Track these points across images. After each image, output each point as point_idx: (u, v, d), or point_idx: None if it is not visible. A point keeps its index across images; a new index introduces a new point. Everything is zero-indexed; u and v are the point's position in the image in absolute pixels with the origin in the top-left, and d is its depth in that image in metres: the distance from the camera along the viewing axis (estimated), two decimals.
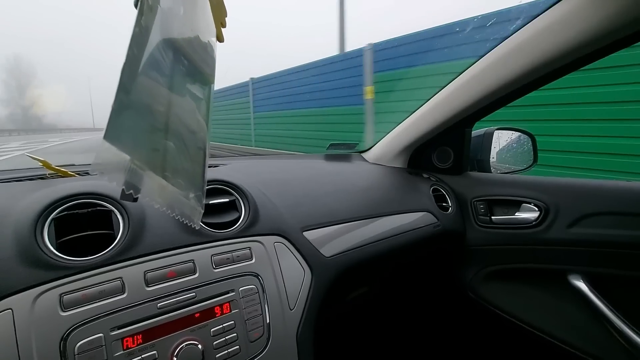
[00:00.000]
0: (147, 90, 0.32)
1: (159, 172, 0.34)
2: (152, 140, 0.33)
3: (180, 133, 0.38)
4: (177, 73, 0.38)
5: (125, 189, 0.30)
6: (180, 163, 0.37)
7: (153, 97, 0.33)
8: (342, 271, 0.67)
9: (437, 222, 0.90)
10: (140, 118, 0.32)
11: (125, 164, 0.29)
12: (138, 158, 0.31)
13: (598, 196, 0.81)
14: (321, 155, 1.16)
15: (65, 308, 0.40)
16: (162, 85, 0.35)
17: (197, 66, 0.42)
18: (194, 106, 0.41)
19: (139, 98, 0.31)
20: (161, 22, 0.34)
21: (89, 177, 0.65)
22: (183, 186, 0.37)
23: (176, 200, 0.37)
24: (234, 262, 0.53)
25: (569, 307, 0.84)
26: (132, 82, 0.31)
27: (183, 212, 0.38)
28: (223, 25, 0.48)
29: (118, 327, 0.42)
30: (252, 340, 0.51)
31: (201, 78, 0.43)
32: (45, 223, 0.45)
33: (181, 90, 0.39)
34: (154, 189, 0.33)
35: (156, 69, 0.34)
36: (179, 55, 0.38)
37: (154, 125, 0.33)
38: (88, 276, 0.42)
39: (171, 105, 0.36)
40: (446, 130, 0.98)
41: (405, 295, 1.18)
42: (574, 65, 0.71)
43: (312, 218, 0.70)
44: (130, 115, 0.30)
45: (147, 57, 0.32)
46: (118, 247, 0.46)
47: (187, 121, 0.39)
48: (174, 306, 0.46)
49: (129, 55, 0.31)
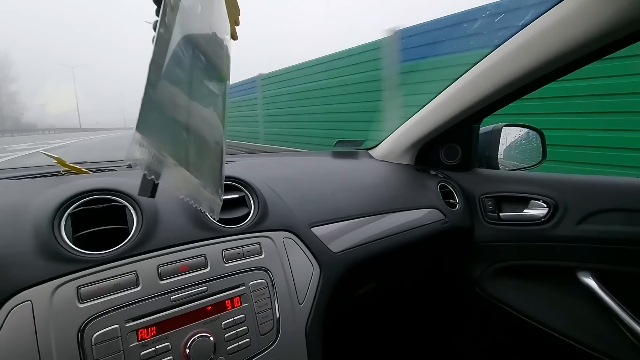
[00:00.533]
0: (170, 86, 0.33)
1: (183, 164, 0.35)
2: (177, 134, 0.34)
3: (200, 128, 0.39)
4: (196, 70, 0.39)
5: (147, 175, 0.31)
6: (201, 156, 0.38)
7: (176, 93, 0.34)
8: (350, 267, 0.68)
9: (445, 219, 0.90)
10: (166, 112, 0.33)
11: (155, 156, 0.30)
12: (165, 150, 0.32)
13: (608, 193, 0.80)
14: (328, 152, 1.17)
15: (82, 300, 0.41)
16: (184, 82, 0.36)
17: (213, 63, 0.43)
18: (212, 102, 0.42)
19: (164, 94, 0.32)
20: (181, 21, 0.35)
21: (102, 173, 0.67)
22: (204, 179, 0.38)
23: (198, 192, 0.38)
24: (244, 257, 0.54)
25: (577, 303, 0.83)
26: (158, 78, 0.32)
27: (204, 204, 0.39)
28: (237, 24, 0.49)
29: (133, 319, 0.43)
30: (263, 334, 0.52)
31: (217, 75, 0.44)
32: (63, 218, 0.46)
33: (200, 86, 0.39)
34: (179, 181, 0.34)
35: (178, 66, 0.35)
36: (197, 52, 0.39)
37: (177, 120, 0.35)
38: (104, 269, 0.44)
39: (191, 101, 0.37)
40: (454, 127, 0.97)
41: (413, 291, 1.18)
42: (584, 60, 0.71)
43: (320, 214, 0.70)
44: (156, 110, 0.32)
45: (171, 54, 0.33)
46: (132, 242, 0.47)
47: (205, 116, 0.40)
48: (186, 299, 0.47)
49: (155, 53, 0.32)
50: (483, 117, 0.98)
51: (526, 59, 0.75)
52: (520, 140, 1.11)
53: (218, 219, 0.56)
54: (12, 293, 0.39)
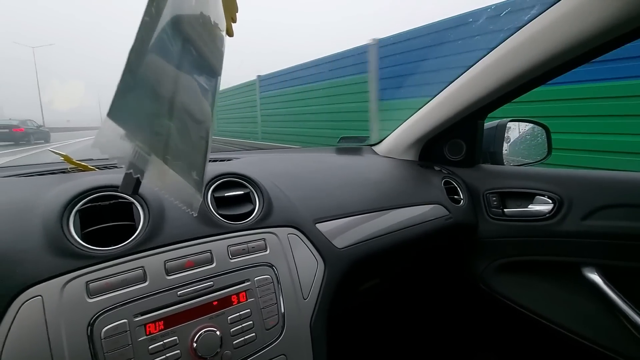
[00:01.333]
0: (153, 74, 0.32)
1: (160, 156, 0.33)
2: (155, 124, 0.33)
3: (184, 121, 0.38)
4: (185, 62, 0.38)
5: (133, 173, 0.31)
6: (182, 149, 0.37)
7: (159, 82, 0.33)
8: (354, 262, 0.68)
9: (449, 215, 0.90)
10: (145, 101, 0.32)
11: (129, 146, 0.29)
12: (140, 140, 0.31)
13: (613, 188, 0.80)
14: (332, 148, 1.17)
15: (91, 295, 0.42)
16: (169, 72, 0.35)
17: (205, 57, 0.42)
18: (200, 96, 0.42)
19: (144, 81, 0.31)
20: (172, 9, 0.34)
21: (107, 170, 0.67)
22: (183, 173, 0.37)
23: (176, 186, 0.37)
24: (249, 253, 0.55)
25: (582, 299, 0.83)
26: (138, 65, 0.30)
27: (182, 198, 0.38)
28: (234, 20, 0.49)
29: (141, 314, 0.43)
30: (268, 328, 0.52)
31: (209, 70, 0.43)
32: (71, 214, 0.47)
33: (188, 79, 0.39)
34: (156, 173, 0.33)
35: (164, 55, 0.34)
36: (188, 44, 0.38)
37: (158, 110, 0.33)
38: (112, 265, 0.44)
39: (177, 93, 0.36)
40: (458, 123, 0.97)
41: (416, 287, 1.18)
42: (589, 55, 0.70)
43: (325, 210, 0.71)
44: (134, 97, 0.30)
45: (156, 41, 0.32)
46: (139, 238, 0.47)
47: (191, 110, 0.39)
48: (193, 294, 0.48)
49: (137, 38, 0.31)
50: (488, 112, 0.98)
51: (531, 54, 0.74)
52: (525, 135, 1.11)
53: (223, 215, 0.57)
54: (23, 288, 0.39)
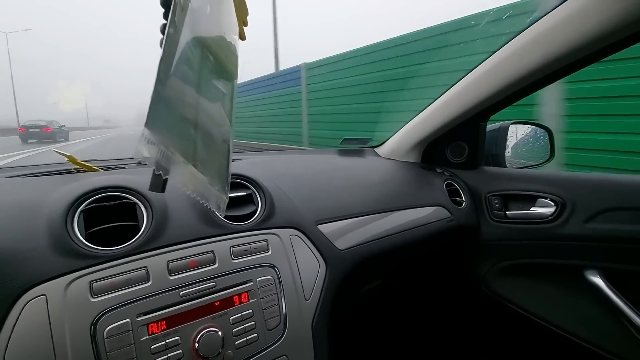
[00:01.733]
0: (179, 84, 0.34)
1: (190, 161, 0.35)
2: (184, 131, 0.35)
3: (208, 126, 0.40)
4: (204, 69, 0.39)
5: (155, 170, 0.32)
6: (208, 154, 0.39)
7: (184, 91, 0.35)
8: (356, 264, 0.68)
9: (451, 217, 0.90)
10: (174, 110, 0.34)
11: (154, 148, 0.31)
12: (173, 146, 0.33)
13: (616, 191, 0.79)
14: (334, 150, 1.17)
15: (95, 295, 0.42)
16: (192, 80, 0.37)
17: (222, 63, 0.44)
18: (220, 101, 0.43)
19: (172, 91, 0.33)
20: (190, 21, 0.36)
21: (112, 171, 0.68)
22: (211, 176, 0.39)
23: (205, 189, 0.39)
24: (251, 254, 0.55)
25: (584, 302, 0.83)
26: (166, 76, 0.33)
27: (211, 201, 0.40)
28: (245, 24, 0.49)
29: (144, 314, 0.44)
30: (270, 329, 0.53)
31: (225, 75, 0.45)
32: (76, 214, 0.47)
33: (208, 85, 0.40)
34: (186, 177, 0.35)
35: (187, 65, 0.36)
36: (205, 52, 0.40)
37: (185, 117, 0.36)
38: (115, 265, 0.45)
39: (200, 100, 0.38)
40: (460, 125, 0.97)
41: (418, 289, 1.18)
42: (591, 58, 0.70)
43: (327, 212, 0.71)
44: (165, 106, 0.33)
45: (179, 53, 0.34)
46: (142, 238, 0.48)
47: (213, 115, 0.41)
48: (195, 294, 0.48)
49: (164, 51, 0.33)
50: (490, 114, 0.97)
51: (534, 56, 0.74)
52: (527, 138, 1.11)
53: (224, 215, 0.57)
54: (27, 287, 0.40)
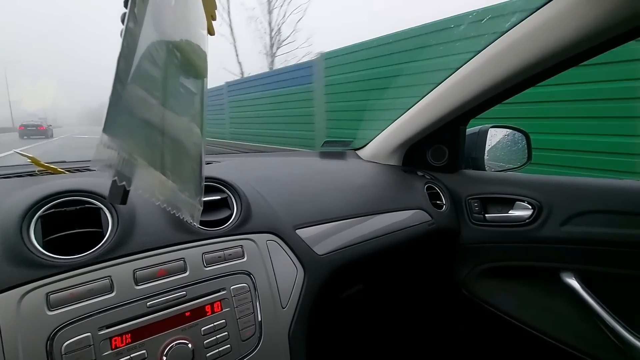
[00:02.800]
0: (142, 83, 0.31)
1: (158, 168, 0.33)
2: (150, 135, 0.32)
3: (176, 128, 0.37)
4: (171, 67, 0.37)
5: (117, 180, 0.29)
6: (178, 159, 0.37)
7: (148, 91, 0.32)
8: (335, 269, 0.67)
9: (431, 220, 0.90)
10: (137, 112, 0.31)
11: (114, 154, 0.28)
12: (137, 153, 0.30)
13: (590, 195, 0.81)
14: (316, 152, 1.16)
15: (52, 307, 0.39)
16: (157, 79, 0.34)
17: (190, 59, 0.41)
18: (189, 101, 0.41)
19: (134, 91, 0.30)
20: (153, 14, 0.33)
21: (79, 173, 0.64)
22: (182, 183, 0.37)
23: (176, 198, 0.36)
24: (225, 261, 0.53)
25: (561, 304, 0.84)
26: (127, 75, 0.30)
27: (182, 210, 0.38)
28: (213, 18, 0.47)
29: (106, 327, 0.41)
30: (244, 339, 0.50)
31: (194, 72, 0.42)
32: (32, 221, 0.44)
33: (175, 84, 0.38)
34: (155, 185, 0.33)
35: (150, 62, 0.33)
36: (171, 47, 0.37)
37: (150, 120, 0.33)
38: (76, 275, 0.42)
39: (166, 100, 0.35)
40: (441, 128, 0.98)
41: (399, 292, 1.18)
42: (569, 62, 0.72)
43: (306, 216, 0.69)
44: (126, 109, 0.30)
45: (141, 47, 0.31)
46: (107, 246, 0.45)
47: (182, 116, 0.39)
48: (163, 305, 0.45)
49: (123, 47, 0.30)
50: (470, 118, 0.98)
51: (511, 61, 0.75)
52: (506, 141, 1.12)
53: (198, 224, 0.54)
54: None
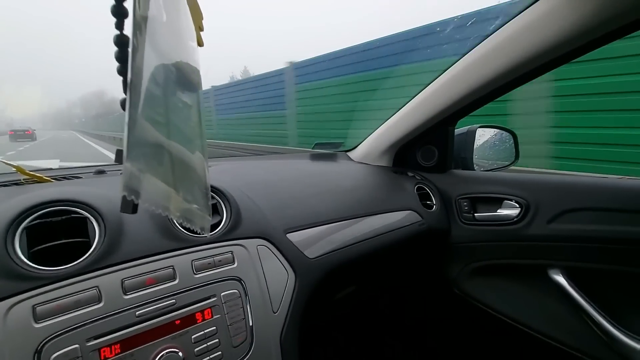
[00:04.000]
0: (150, 104, 0.32)
1: (169, 183, 0.34)
2: (159, 152, 0.33)
3: (181, 142, 0.38)
4: (169, 83, 0.37)
5: (127, 195, 0.30)
6: (185, 172, 0.38)
7: (155, 109, 0.33)
8: (326, 272, 0.67)
9: (422, 221, 0.91)
10: (149, 132, 0.32)
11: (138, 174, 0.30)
12: (149, 171, 0.31)
13: (576, 192, 0.83)
14: (307, 154, 1.16)
15: (38, 319, 0.39)
16: (159, 98, 0.34)
17: (184, 73, 0.41)
18: (187, 114, 0.41)
19: (145, 113, 0.31)
20: (149, 33, 0.33)
21: (66, 182, 0.64)
22: (191, 195, 0.37)
23: (187, 210, 0.37)
24: (215, 267, 0.53)
25: (549, 300, 0.86)
26: (138, 97, 0.30)
27: (194, 221, 0.38)
28: (201, 29, 0.47)
29: (95, 337, 0.41)
30: (235, 346, 0.50)
31: (189, 85, 0.42)
32: (17, 232, 0.43)
33: (174, 99, 0.38)
34: (167, 199, 0.33)
35: (153, 82, 0.33)
36: (167, 64, 0.37)
37: (158, 137, 0.33)
38: (62, 286, 0.41)
39: (169, 116, 0.36)
40: (430, 129, 0.98)
41: (392, 293, 1.19)
42: (552, 63, 0.73)
43: (297, 220, 0.70)
44: (141, 131, 0.31)
45: (146, 73, 0.32)
46: (94, 256, 0.45)
47: (184, 130, 0.39)
48: (153, 314, 0.45)
49: (134, 71, 0.30)
50: (458, 119, 0.99)
51: (497, 62, 0.76)
52: (494, 141, 1.14)
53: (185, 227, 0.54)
54: None
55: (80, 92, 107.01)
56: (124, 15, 0.32)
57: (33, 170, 0.67)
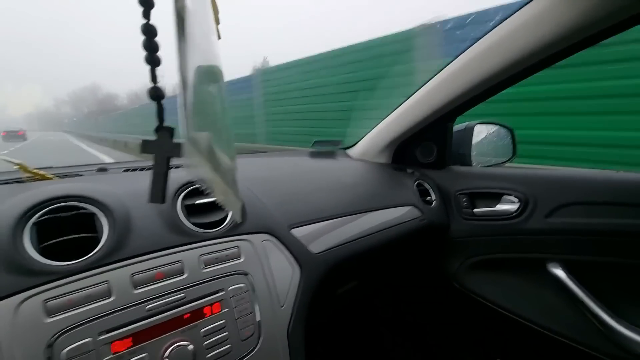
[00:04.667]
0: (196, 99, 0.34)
1: (215, 174, 0.36)
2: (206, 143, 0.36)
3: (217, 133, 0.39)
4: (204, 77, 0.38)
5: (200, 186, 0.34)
6: (227, 166, 0.39)
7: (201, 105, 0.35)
8: (330, 267, 0.68)
9: (422, 216, 0.92)
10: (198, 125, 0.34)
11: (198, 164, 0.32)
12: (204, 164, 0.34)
13: (573, 186, 0.84)
14: (307, 152, 1.17)
15: (50, 314, 0.39)
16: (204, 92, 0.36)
17: (210, 65, 0.41)
18: (215, 105, 0.42)
19: (195, 108, 0.33)
20: (187, 23, 0.33)
21: (68, 179, 0.64)
22: (230, 185, 0.39)
23: (231, 202, 0.39)
24: (222, 262, 0.53)
25: (548, 293, 0.87)
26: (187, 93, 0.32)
27: (234, 209, 0.40)
28: (218, 23, 0.47)
29: (106, 331, 0.41)
30: (243, 339, 0.51)
31: (214, 76, 0.43)
32: (26, 227, 0.43)
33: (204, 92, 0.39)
34: (217, 188, 0.36)
35: (196, 76, 0.35)
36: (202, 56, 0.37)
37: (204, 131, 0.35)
38: (73, 281, 0.42)
39: (209, 110, 0.38)
40: (429, 126, 1.00)
41: (392, 287, 1.20)
42: (550, 60, 0.74)
43: (300, 215, 0.70)
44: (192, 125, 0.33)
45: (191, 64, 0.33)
46: (103, 251, 0.45)
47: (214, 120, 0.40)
48: (162, 308, 0.45)
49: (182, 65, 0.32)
50: (456, 115, 1.00)
51: (495, 60, 0.77)
52: (492, 137, 1.15)
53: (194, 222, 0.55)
54: None
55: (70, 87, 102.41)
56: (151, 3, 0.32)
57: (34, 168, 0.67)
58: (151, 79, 0.32)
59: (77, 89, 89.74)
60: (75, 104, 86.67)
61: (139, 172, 0.72)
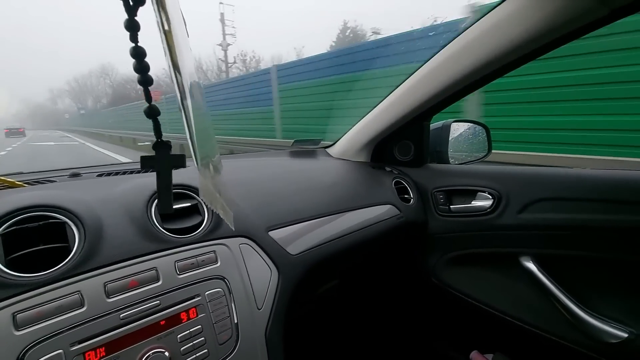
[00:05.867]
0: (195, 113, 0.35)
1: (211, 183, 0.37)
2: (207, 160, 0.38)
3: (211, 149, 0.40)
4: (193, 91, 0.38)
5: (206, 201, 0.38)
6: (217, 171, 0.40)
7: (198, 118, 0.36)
8: (309, 268, 0.69)
9: (400, 214, 0.94)
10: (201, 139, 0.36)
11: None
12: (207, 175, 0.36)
13: (543, 183, 0.87)
14: (286, 152, 1.17)
15: (19, 327, 0.39)
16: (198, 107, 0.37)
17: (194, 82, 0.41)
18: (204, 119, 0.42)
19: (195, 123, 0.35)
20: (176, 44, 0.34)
21: (40, 186, 0.62)
22: (223, 191, 0.39)
23: (222, 205, 0.39)
24: (198, 267, 0.53)
25: (521, 286, 0.91)
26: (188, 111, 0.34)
27: (227, 215, 0.40)
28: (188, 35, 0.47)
29: (79, 342, 0.41)
30: (221, 343, 0.51)
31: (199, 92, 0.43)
32: None
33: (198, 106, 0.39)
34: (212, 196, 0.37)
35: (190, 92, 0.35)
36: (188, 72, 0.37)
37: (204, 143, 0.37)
38: (43, 292, 0.41)
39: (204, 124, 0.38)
40: (406, 125, 1.01)
41: (373, 284, 1.22)
42: (519, 61, 0.76)
43: (278, 217, 0.71)
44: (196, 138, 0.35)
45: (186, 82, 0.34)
46: (74, 260, 0.44)
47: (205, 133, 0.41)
48: (137, 315, 0.45)
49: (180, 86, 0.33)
50: (432, 114, 1.03)
51: (468, 60, 0.79)
52: (468, 135, 1.18)
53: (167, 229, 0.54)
54: None
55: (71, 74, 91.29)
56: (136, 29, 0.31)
57: (3, 175, 0.65)
58: (146, 98, 0.34)
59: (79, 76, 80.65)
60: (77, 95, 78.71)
61: (113, 176, 0.71)
